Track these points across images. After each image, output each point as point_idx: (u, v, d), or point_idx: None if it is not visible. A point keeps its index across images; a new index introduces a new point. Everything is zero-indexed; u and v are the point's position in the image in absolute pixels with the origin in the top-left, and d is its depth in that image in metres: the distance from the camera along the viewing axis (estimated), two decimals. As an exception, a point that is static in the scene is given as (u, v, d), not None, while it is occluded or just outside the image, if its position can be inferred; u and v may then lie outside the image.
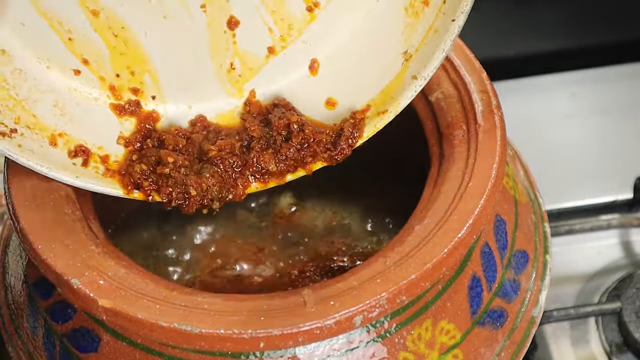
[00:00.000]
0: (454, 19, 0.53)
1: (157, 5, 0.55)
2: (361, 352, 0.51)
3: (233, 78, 0.58)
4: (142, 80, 0.57)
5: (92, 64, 0.56)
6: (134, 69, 0.56)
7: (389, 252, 0.52)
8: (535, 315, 0.58)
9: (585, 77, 0.90)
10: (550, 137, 0.85)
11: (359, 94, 0.58)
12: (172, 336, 0.49)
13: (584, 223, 0.73)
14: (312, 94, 0.59)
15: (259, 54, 0.57)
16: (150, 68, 0.57)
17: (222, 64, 0.57)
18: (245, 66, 0.58)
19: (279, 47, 0.57)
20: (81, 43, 0.55)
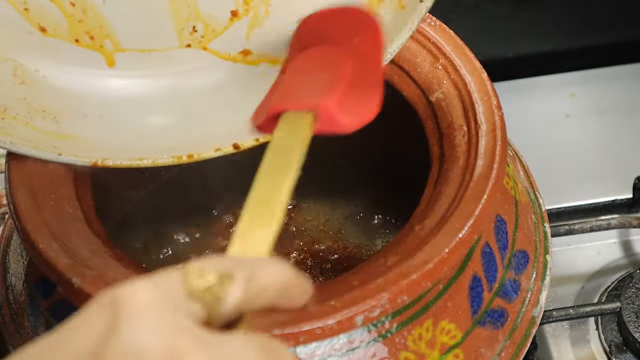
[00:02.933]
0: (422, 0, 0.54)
1: None
2: (362, 352, 0.51)
3: (196, 39, 0.58)
4: (102, 44, 0.56)
5: (50, 31, 0.55)
6: (93, 34, 0.56)
7: (390, 252, 0.52)
8: (535, 316, 0.58)
9: (585, 77, 0.90)
10: (550, 137, 0.85)
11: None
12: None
13: (584, 223, 0.73)
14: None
15: (221, 17, 0.57)
16: (109, 33, 0.56)
17: (184, 28, 0.57)
18: (208, 28, 0.57)
19: (242, 10, 0.57)
20: (38, 13, 0.55)
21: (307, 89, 0.52)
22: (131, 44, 0.56)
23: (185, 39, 0.57)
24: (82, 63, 0.57)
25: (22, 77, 0.55)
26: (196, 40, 0.57)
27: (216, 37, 0.57)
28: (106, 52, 0.56)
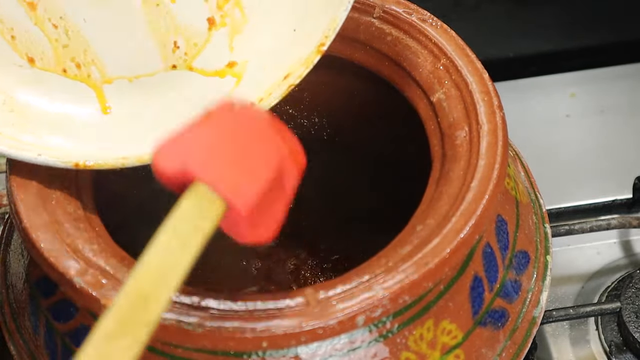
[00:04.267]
0: None
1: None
2: (363, 352, 0.51)
3: (180, 58, 0.56)
4: (89, 72, 0.55)
5: (38, 61, 0.55)
6: (79, 61, 0.55)
7: (391, 252, 0.52)
8: (536, 316, 0.58)
9: (585, 77, 0.90)
10: (550, 137, 0.85)
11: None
12: (174, 335, 0.49)
13: (584, 223, 0.73)
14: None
15: (199, 27, 0.56)
16: (94, 58, 0.55)
17: (165, 44, 0.56)
18: (190, 42, 0.56)
19: (218, 17, 0.56)
20: (24, 40, 0.55)
21: (232, 164, 0.43)
22: (118, 70, 0.55)
23: (169, 58, 0.56)
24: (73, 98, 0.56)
25: (12, 106, 0.55)
26: (180, 59, 0.56)
27: (199, 53, 0.56)
28: (95, 84, 0.55)
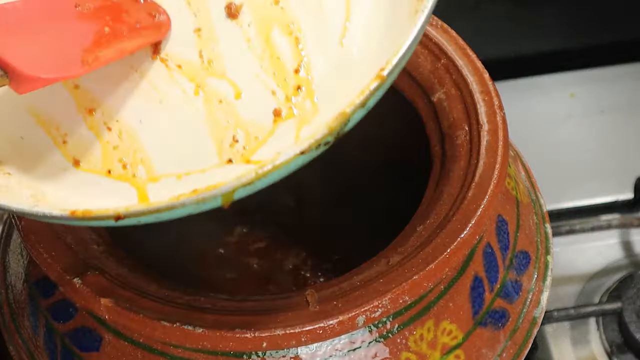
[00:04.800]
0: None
1: (152, 91, 0.54)
2: (363, 352, 0.51)
3: (237, 152, 0.51)
4: (135, 172, 0.52)
5: (83, 164, 0.52)
6: (126, 162, 0.52)
7: (392, 253, 0.52)
8: (536, 316, 0.58)
9: (585, 77, 0.90)
10: (550, 137, 0.85)
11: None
12: (174, 335, 0.49)
13: (585, 223, 0.73)
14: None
15: (264, 121, 0.52)
16: (143, 157, 0.52)
17: (223, 139, 0.52)
18: (250, 136, 0.52)
19: (286, 109, 0.52)
20: (75, 144, 0.53)
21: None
22: (166, 167, 0.51)
23: (225, 153, 0.51)
24: (109, 194, 0.51)
25: (41, 199, 0.51)
26: (238, 154, 0.51)
27: (260, 147, 0.51)
28: (138, 183, 0.51)
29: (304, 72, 0.52)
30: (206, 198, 0.42)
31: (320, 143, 0.43)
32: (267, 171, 0.42)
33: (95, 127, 0.53)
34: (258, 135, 0.51)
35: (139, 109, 0.53)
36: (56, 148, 0.53)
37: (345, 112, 0.43)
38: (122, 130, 0.53)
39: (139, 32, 0.54)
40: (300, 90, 0.52)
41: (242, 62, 0.53)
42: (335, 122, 0.43)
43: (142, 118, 0.53)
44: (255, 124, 0.51)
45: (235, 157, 0.51)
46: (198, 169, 0.51)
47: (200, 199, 0.42)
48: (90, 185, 0.51)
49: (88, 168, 0.52)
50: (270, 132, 0.51)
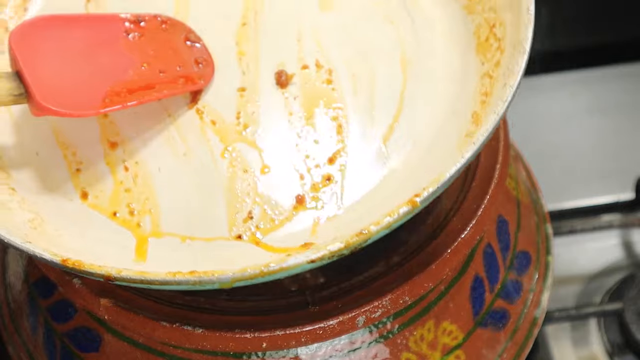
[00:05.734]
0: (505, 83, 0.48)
1: (179, 141, 0.52)
2: (363, 352, 0.51)
3: (248, 230, 0.49)
4: (140, 221, 0.50)
5: (91, 199, 0.51)
6: (134, 208, 0.50)
7: (392, 253, 0.52)
8: (537, 317, 0.57)
9: (585, 77, 0.90)
10: (550, 137, 0.85)
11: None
12: (174, 336, 0.48)
13: (585, 223, 0.73)
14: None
15: (284, 204, 0.50)
16: (153, 208, 0.50)
17: (238, 212, 0.49)
18: (266, 217, 0.49)
19: (310, 198, 0.50)
20: (87, 175, 0.51)
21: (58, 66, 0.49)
22: (173, 226, 0.49)
23: (236, 227, 0.49)
24: (108, 239, 0.49)
25: (38, 227, 0.49)
26: (249, 232, 0.49)
27: (274, 230, 0.49)
28: (141, 234, 0.49)
29: (338, 165, 0.50)
30: (203, 282, 0.42)
31: (334, 255, 0.42)
32: (272, 271, 0.42)
33: (112, 164, 0.52)
34: (275, 217, 0.49)
35: (161, 156, 0.52)
36: (68, 175, 0.51)
37: (370, 231, 0.42)
38: (138, 174, 0.51)
39: (175, 79, 0.53)
40: (329, 181, 0.50)
41: (278, 135, 0.52)
42: (355, 239, 0.42)
43: (162, 166, 0.51)
44: (274, 205, 0.50)
45: (245, 234, 0.49)
46: (204, 236, 0.49)
47: (197, 282, 0.42)
48: (92, 223, 0.50)
49: (94, 205, 0.50)
50: (287, 217, 0.49)
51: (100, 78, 0.50)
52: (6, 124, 0.53)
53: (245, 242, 0.49)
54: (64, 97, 0.47)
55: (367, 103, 0.52)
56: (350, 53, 0.54)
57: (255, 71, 0.54)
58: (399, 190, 0.48)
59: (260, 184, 0.50)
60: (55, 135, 0.53)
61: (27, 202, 0.50)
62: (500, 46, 0.51)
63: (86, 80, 0.49)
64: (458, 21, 0.55)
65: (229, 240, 0.49)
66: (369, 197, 0.49)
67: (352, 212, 0.49)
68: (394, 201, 0.43)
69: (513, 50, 0.48)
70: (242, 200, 0.50)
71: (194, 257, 0.47)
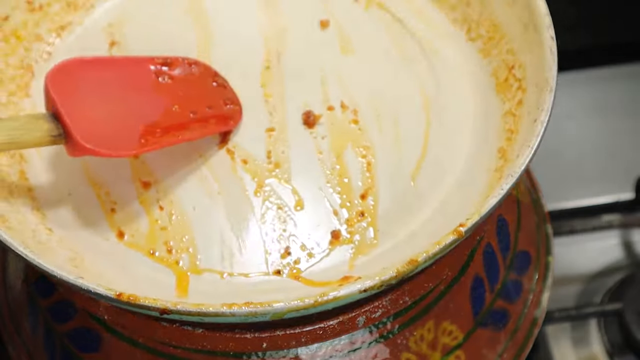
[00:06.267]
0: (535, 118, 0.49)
1: (212, 180, 0.53)
2: (363, 352, 0.51)
3: (288, 265, 0.50)
4: (179, 259, 0.50)
5: (127, 237, 0.51)
6: (172, 246, 0.51)
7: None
8: (537, 317, 0.57)
9: (586, 77, 0.90)
10: (552, 137, 0.84)
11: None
12: (174, 336, 0.48)
13: (585, 223, 0.73)
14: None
15: (321, 240, 0.51)
16: (190, 246, 0.51)
17: (275, 248, 0.51)
18: (304, 252, 0.50)
19: (346, 232, 0.51)
20: (122, 215, 0.52)
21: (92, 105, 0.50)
22: (211, 262, 0.50)
23: (275, 263, 0.50)
24: (148, 276, 0.50)
25: (79, 265, 0.49)
26: (288, 267, 0.50)
27: (313, 265, 0.50)
28: (180, 270, 0.50)
29: (371, 200, 0.52)
30: (258, 313, 0.43)
31: (384, 284, 0.43)
32: (327, 300, 0.43)
33: (146, 203, 0.52)
34: (313, 252, 0.50)
35: (195, 195, 0.53)
36: (103, 214, 0.52)
37: (417, 261, 0.43)
38: (173, 212, 0.52)
39: (206, 119, 0.54)
40: (363, 216, 0.51)
41: (310, 173, 0.53)
42: (405, 268, 0.43)
43: (197, 205, 0.52)
44: (311, 240, 0.51)
45: (284, 269, 0.50)
46: (243, 272, 0.50)
47: (252, 313, 0.43)
48: (130, 261, 0.50)
49: (131, 243, 0.51)
50: (325, 252, 0.50)
51: (134, 119, 0.51)
52: (37, 166, 0.54)
53: (284, 277, 0.50)
54: (101, 137, 0.48)
55: (393, 142, 0.54)
56: (374, 94, 0.56)
57: (282, 112, 0.56)
58: (431, 225, 0.49)
59: (295, 221, 0.51)
60: (87, 176, 0.53)
61: (65, 242, 0.50)
62: (521, 86, 0.52)
63: (121, 121, 0.50)
64: (475, 63, 0.57)
65: (268, 275, 0.50)
66: (402, 231, 0.51)
67: (386, 246, 0.50)
68: (428, 234, 0.45)
69: (536, 88, 0.50)
70: (279, 237, 0.51)
71: (235, 292, 0.48)
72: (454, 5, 0.59)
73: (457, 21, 0.59)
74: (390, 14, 0.60)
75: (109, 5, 0.61)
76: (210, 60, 0.58)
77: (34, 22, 0.58)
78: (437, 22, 0.59)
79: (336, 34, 0.59)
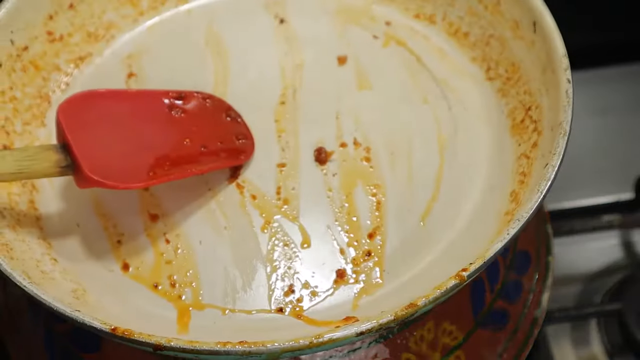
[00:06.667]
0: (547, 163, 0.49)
1: (220, 215, 0.53)
2: (363, 352, 0.51)
3: (290, 304, 0.50)
4: (182, 293, 0.50)
5: (132, 270, 0.51)
6: (175, 280, 0.51)
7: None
8: (537, 317, 0.57)
9: (586, 77, 0.90)
10: (551, 137, 0.85)
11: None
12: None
13: (585, 223, 0.73)
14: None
15: (326, 278, 0.50)
16: (194, 281, 0.51)
17: (279, 286, 0.50)
18: (307, 291, 0.50)
19: (351, 271, 0.50)
20: (128, 247, 0.52)
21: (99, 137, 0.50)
22: (213, 298, 0.50)
23: (278, 301, 0.50)
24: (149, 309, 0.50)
25: (81, 297, 0.49)
26: (290, 305, 0.50)
27: (316, 304, 0.49)
28: (182, 306, 0.49)
29: (379, 240, 0.51)
30: (252, 352, 0.43)
31: (382, 327, 0.43)
32: (322, 342, 0.42)
33: (153, 236, 0.52)
34: (316, 291, 0.50)
35: (202, 229, 0.53)
36: (109, 246, 0.52)
37: (417, 305, 0.43)
38: (179, 246, 0.52)
39: (217, 153, 0.54)
40: (370, 256, 0.51)
41: (318, 211, 0.53)
42: (404, 312, 0.43)
43: (203, 240, 0.52)
44: (315, 279, 0.50)
45: (287, 307, 0.50)
46: (245, 309, 0.50)
47: (246, 352, 0.43)
48: (132, 294, 0.50)
49: (135, 276, 0.51)
50: (329, 292, 0.50)
51: (145, 152, 0.51)
52: (47, 196, 0.54)
53: (286, 315, 0.49)
54: (110, 169, 0.48)
55: (405, 181, 0.54)
56: (388, 132, 0.56)
57: (295, 148, 0.56)
58: (438, 266, 0.49)
59: (301, 258, 0.51)
60: (95, 208, 0.53)
61: (69, 273, 0.50)
62: (536, 128, 0.52)
63: (131, 154, 0.50)
64: (492, 103, 0.56)
65: (270, 312, 0.50)
66: (408, 272, 0.50)
67: (391, 287, 0.50)
68: (433, 275, 0.45)
69: (551, 132, 0.50)
70: (283, 274, 0.51)
71: (235, 328, 0.48)
72: (473, 44, 0.59)
73: (477, 60, 0.59)
74: (409, 50, 0.60)
75: (129, 37, 0.61)
76: (227, 93, 0.58)
77: (54, 53, 0.58)
78: (456, 61, 0.59)
79: (353, 70, 0.59)
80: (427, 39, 0.60)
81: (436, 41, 0.60)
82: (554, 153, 0.48)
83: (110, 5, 0.61)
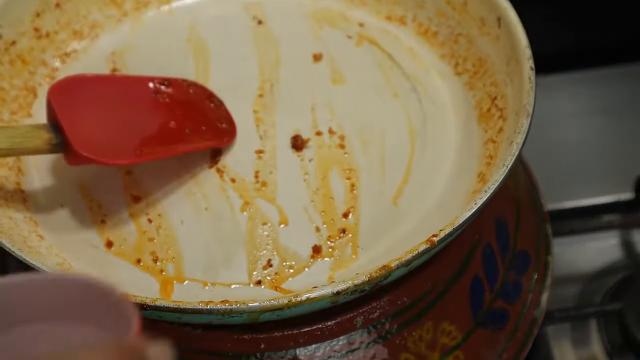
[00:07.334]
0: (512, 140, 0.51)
1: (200, 197, 0.55)
2: (362, 353, 0.51)
3: (268, 277, 0.52)
4: (164, 268, 0.52)
5: (115, 247, 0.53)
6: (158, 256, 0.53)
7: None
8: (537, 317, 0.57)
9: (585, 77, 0.90)
10: (551, 137, 0.84)
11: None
12: (173, 335, 0.48)
13: (585, 223, 0.73)
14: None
15: (302, 253, 0.53)
16: (176, 256, 0.53)
17: (258, 260, 0.52)
18: (285, 265, 0.52)
19: (326, 247, 0.53)
20: (112, 226, 0.54)
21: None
22: (194, 272, 0.52)
23: (256, 274, 0.52)
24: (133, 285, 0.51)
25: (66, 270, 0.52)
26: (268, 278, 0.52)
27: (292, 277, 0.52)
28: (164, 278, 0.52)
29: (352, 218, 0.54)
30: (233, 311, 0.45)
31: (358, 289, 0.45)
32: (300, 301, 0.45)
33: (136, 215, 0.54)
34: (293, 265, 0.52)
35: (183, 210, 0.55)
36: (93, 225, 0.54)
37: (390, 266, 0.46)
38: (161, 225, 0.54)
39: (201, 134, 0.56)
40: (344, 234, 0.53)
41: (295, 192, 0.55)
42: (378, 273, 0.45)
43: (184, 219, 0.54)
44: (292, 254, 0.52)
45: (265, 281, 0.52)
46: (225, 282, 0.51)
47: (227, 311, 0.45)
48: (116, 269, 0.52)
49: (119, 252, 0.53)
50: (305, 265, 0.52)
51: (132, 132, 0.53)
52: (33, 179, 0.56)
53: (265, 288, 0.51)
54: (99, 147, 0.51)
55: (377, 166, 0.56)
56: (362, 122, 0.59)
57: (272, 136, 0.58)
58: (410, 240, 0.50)
59: (278, 235, 0.53)
60: (81, 190, 0.55)
61: (54, 248, 0.53)
62: (502, 115, 0.55)
63: (118, 133, 0.53)
64: (460, 96, 0.59)
65: (248, 285, 0.51)
66: (381, 247, 0.52)
67: (365, 261, 0.52)
68: (405, 249, 0.46)
69: (516, 116, 0.52)
70: (261, 249, 0.53)
71: (215, 299, 0.49)
72: (442, 43, 0.62)
73: (445, 57, 0.61)
74: (381, 49, 0.63)
75: (114, 35, 0.64)
76: (207, 87, 0.60)
77: (40, 48, 0.61)
78: (426, 58, 0.62)
79: (328, 66, 0.62)
80: (398, 39, 0.63)
81: (407, 41, 0.63)
82: (518, 132, 0.50)
83: (94, 6, 0.63)
